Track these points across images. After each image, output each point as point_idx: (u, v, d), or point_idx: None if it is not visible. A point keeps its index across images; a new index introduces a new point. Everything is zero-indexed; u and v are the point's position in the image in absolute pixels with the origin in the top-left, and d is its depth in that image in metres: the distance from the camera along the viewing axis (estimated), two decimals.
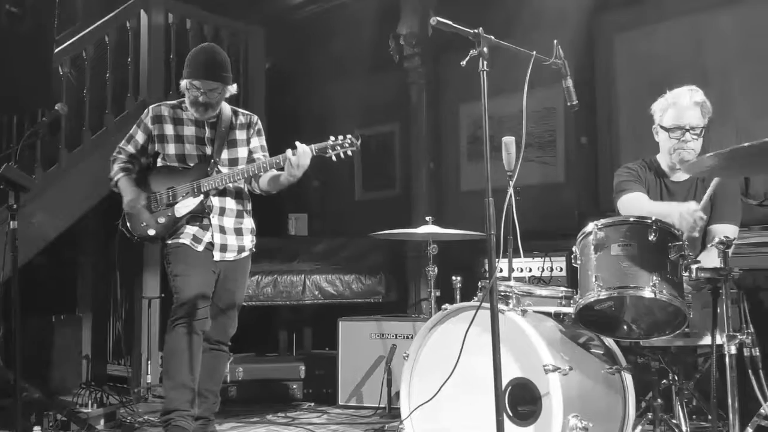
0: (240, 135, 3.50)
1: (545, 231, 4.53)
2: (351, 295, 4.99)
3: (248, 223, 3.53)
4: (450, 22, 2.30)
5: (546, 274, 4.39)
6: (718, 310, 2.49)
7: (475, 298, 2.96)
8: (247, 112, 3.61)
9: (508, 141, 3.34)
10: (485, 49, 2.33)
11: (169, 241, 3.37)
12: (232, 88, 3.41)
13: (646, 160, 3.36)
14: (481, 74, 2.35)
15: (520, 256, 3.58)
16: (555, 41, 2.68)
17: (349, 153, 3.27)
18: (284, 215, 5.77)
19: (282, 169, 3.26)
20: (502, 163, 3.34)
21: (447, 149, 5.80)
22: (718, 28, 4.43)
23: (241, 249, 3.47)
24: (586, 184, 5.01)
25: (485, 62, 2.34)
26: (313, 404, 4.63)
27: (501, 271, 3.99)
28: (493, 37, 2.37)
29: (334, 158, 3.26)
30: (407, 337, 4.29)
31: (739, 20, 4.34)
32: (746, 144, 2.29)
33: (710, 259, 2.95)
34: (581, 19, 4.88)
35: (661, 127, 3.22)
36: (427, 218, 3.75)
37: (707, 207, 2.96)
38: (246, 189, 3.54)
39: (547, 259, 4.40)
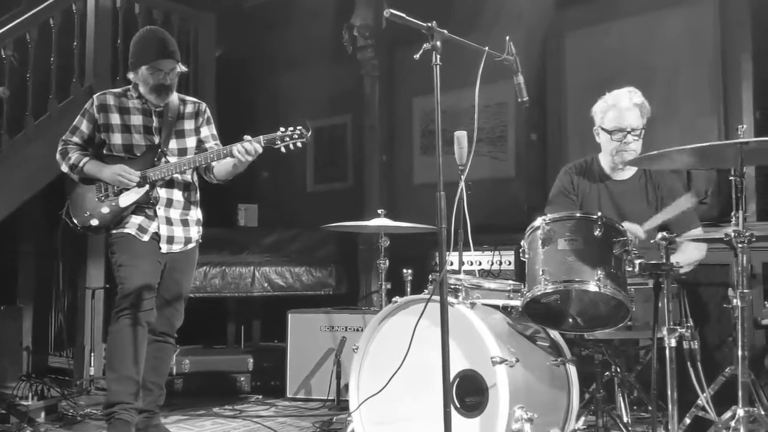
0: (188, 125, 3.44)
1: (495, 225, 4.59)
2: (301, 287, 4.97)
3: (195, 214, 3.48)
4: (403, 15, 2.29)
5: (495, 267, 4.44)
6: (660, 304, 2.56)
7: (426, 291, 2.97)
8: (195, 99, 3.54)
9: (461, 135, 3.35)
10: (438, 43, 2.33)
11: (114, 231, 3.30)
12: (183, 67, 3.36)
13: (588, 159, 3.44)
14: (434, 68, 2.35)
15: (470, 250, 3.61)
16: (507, 38, 2.71)
17: (299, 144, 3.25)
18: (234, 206, 5.70)
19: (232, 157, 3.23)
20: (454, 157, 3.36)
21: (400, 142, 5.81)
22: (666, 29, 4.53)
23: (188, 240, 3.42)
24: (535, 179, 5.08)
25: (438, 56, 2.34)
26: (261, 397, 4.60)
27: (451, 264, 4.03)
28: (446, 32, 2.38)
29: (283, 149, 3.23)
30: (357, 330, 4.29)
31: (685, 22, 4.45)
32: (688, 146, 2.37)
33: (685, 255, 3.11)
34: (534, 16, 4.93)
35: (603, 129, 3.30)
36: (379, 211, 3.74)
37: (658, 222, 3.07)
38: (195, 180, 3.49)
39: (497, 252, 4.45)
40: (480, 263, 4.48)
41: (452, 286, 2.88)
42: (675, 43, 4.49)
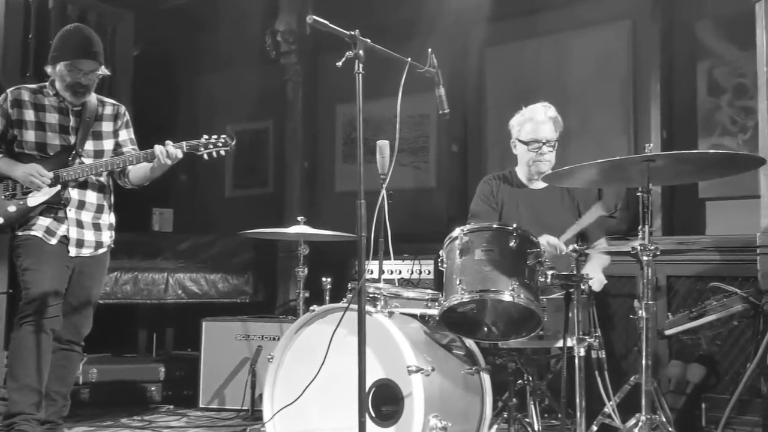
0: (107, 126, 3.34)
1: (416, 234, 4.63)
2: (216, 294, 4.86)
3: (108, 218, 3.37)
4: (326, 22, 2.29)
5: (415, 276, 4.48)
6: (570, 314, 2.64)
7: (344, 300, 2.96)
8: (113, 101, 3.45)
9: (383, 144, 3.37)
10: (361, 52, 2.34)
11: (19, 233, 3.15)
12: (106, 70, 3.26)
13: (506, 172, 3.57)
14: (357, 76, 2.36)
15: (390, 259, 3.63)
16: (429, 50, 2.74)
17: (222, 153, 3.21)
18: (148, 210, 5.52)
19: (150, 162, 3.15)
20: (376, 166, 3.37)
21: (322, 149, 5.79)
22: (580, 49, 4.70)
23: (98, 245, 3.30)
24: (456, 189, 5.16)
25: (361, 65, 2.35)
26: (172, 407, 4.46)
27: (371, 273, 4.04)
28: (369, 41, 2.39)
29: (206, 156, 3.19)
30: (274, 339, 4.23)
31: (598, 42, 4.63)
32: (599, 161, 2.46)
33: (593, 267, 3.23)
34: (457, 31, 5.03)
35: (519, 140, 3.45)
36: (299, 218, 3.71)
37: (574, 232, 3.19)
38: (110, 183, 3.37)
39: (417, 262, 4.49)
40: (400, 272, 4.51)
41: (371, 295, 2.89)
42: (589, 62, 4.66)
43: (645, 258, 2.47)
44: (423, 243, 4.35)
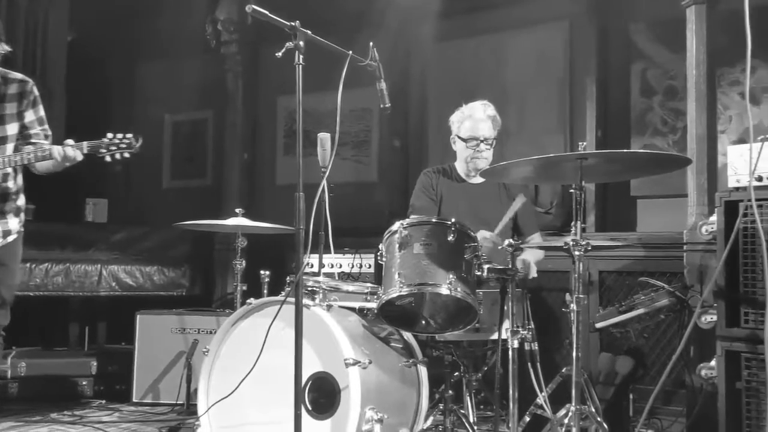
0: (10, 108, 3.06)
1: (357, 228, 4.64)
2: (152, 287, 4.75)
3: (13, 204, 3.11)
4: (266, 12, 2.26)
5: (356, 270, 4.48)
6: (505, 308, 2.69)
7: (283, 293, 2.94)
8: (21, 77, 3.13)
9: (324, 137, 3.36)
10: (301, 43, 2.33)
11: None
12: (6, 47, 3.02)
13: (445, 166, 3.62)
14: (297, 68, 2.34)
15: (330, 252, 3.63)
16: (371, 44, 2.74)
17: (126, 155, 3.05)
18: (81, 200, 5.36)
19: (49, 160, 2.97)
20: (317, 159, 3.36)
21: (263, 141, 5.73)
22: (519, 48, 4.79)
23: (6, 233, 3.07)
24: (397, 184, 5.19)
25: (301, 56, 2.33)
26: (104, 402, 4.36)
27: (311, 266, 4.02)
28: (310, 32, 2.37)
29: (108, 158, 3.00)
30: (210, 332, 4.17)
31: (536, 43, 4.72)
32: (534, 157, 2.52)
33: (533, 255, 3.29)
34: (401, 26, 5.02)
35: (459, 137, 3.51)
36: (237, 210, 3.67)
37: (509, 226, 3.24)
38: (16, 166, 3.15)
39: (358, 255, 4.49)
40: (341, 266, 4.50)
41: (310, 289, 2.88)
42: (527, 61, 4.75)
43: (576, 253, 2.53)
44: (364, 237, 4.36)
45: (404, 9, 4.87)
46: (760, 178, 2.78)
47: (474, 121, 3.48)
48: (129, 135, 2.99)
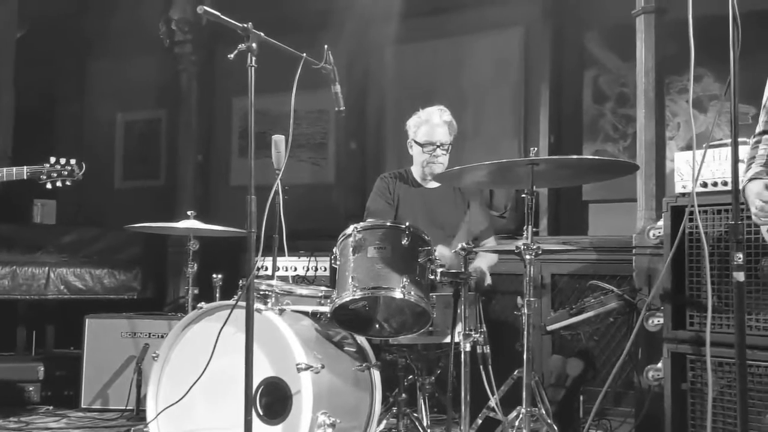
0: None
1: (313, 230, 4.62)
2: (102, 290, 4.65)
3: None
4: (218, 14, 2.24)
5: (311, 273, 4.46)
6: (458, 311, 2.71)
7: (235, 297, 2.91)
8: None
9: (278, 139, 3.34)
10: (254, 45, 2.30)
11: None
12: None
13: (401, 171, 3.64)
14: (249, 70, 2.32)
15: (284, 255, 3.60)
16: (326, 46, 2.73)
17: (68, 183, 2.98)
18: (29, 201, 5.22)
19: None
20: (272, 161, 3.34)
21: (217, 142, 5.67)
22: (475, 53, 4.83)
23: None
24: (354, 186, 5.19)
25: (254, 58, 2.31)
26: (51, 408, 4.25)
27: (266, 269, 3.99)
28: (263, 34, 2.35)
29: (49, 186, 2.94)
30: (162, 336, 4.10)
31: (492, 48, 4.77)
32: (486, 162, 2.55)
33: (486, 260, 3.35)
34: (359, 28, 5.02)
35: (415, 141, 3.53)
36: (189, 212, 3.61)
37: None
38: None
39: (312, 258, 4.47)
40: (295, 269, 4.47)
41: (262, 292, 2.85)
42: (484, 66, 4.80)
43: (528, 257, 2.57)
44: (320, 239, 4.34)
45: (364, 10, 4.87)
46: (705, 185, 2.86)
47: (431, 126, 3.49)
48: (72, 162, 2.92)
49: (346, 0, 4.79)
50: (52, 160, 2.88)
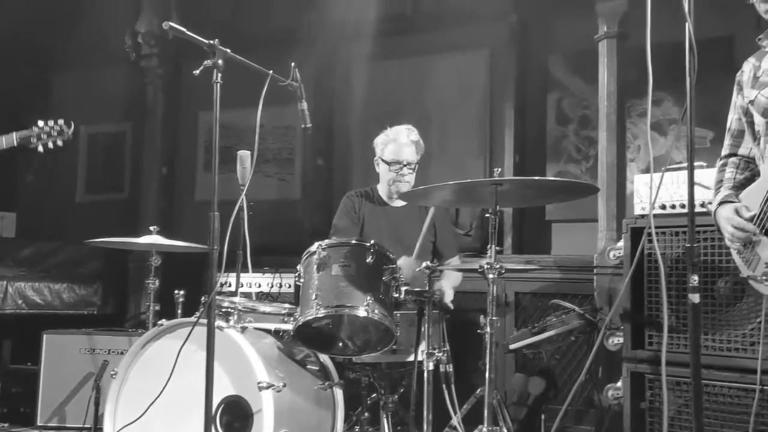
0: None
1: (278, 246, 4.59)
2: (61, 305, 4.56)
3: None
4: (183, 29, 2.23)
5: (275, 290, 4.42)
6: (422, 329, 2.72)
7: (197, 314, 2.88)
8: None
9: (244, 155, 3.33)
10: (220, 62, 2.30)
11: None
12: None
13: (367, 189, 3.65)
14: (215, 86, 2.32)
15: (248, 271, 3.57)
16: (293, 64, 2.73)
17: (59, 143, 2.95)
18: None
19: None
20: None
21: (183, 156, 5.62)
22: (442, 73, 4.88)
23: None
24: (320, 203, 5.17)
25: (219, 74, 2.31)
26: (6, 425, 4.13)
27: (229, 285, 3.95)
28: (229, 50, 2.35)
29: (41, 149, 2.91)
30: (122, 353, 3.99)
31: (458, 68, 4.83)
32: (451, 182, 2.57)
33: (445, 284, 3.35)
34: (328, 45, 5.04)
35: (382, 160, 3.54)
36: (151, 228, 3.56)
37: (428, 248, 3.27)
38: None
39: (277, 275, 4.44)
40: (259, 285, 4.43)
41: (225, 309, 2.83)
42: (450, 86, 4.85)
43: (491, 276, 2.59)
44: (286, 256, 4.32)
45: (335, 28, 4.88)
46: (663, 207, 2.92)
47: (398, 145, 3.51)
48: (60, 122, 2.89)
49: (317, 17, 4.80)
50: (41, 123, 2.84)
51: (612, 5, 3.66)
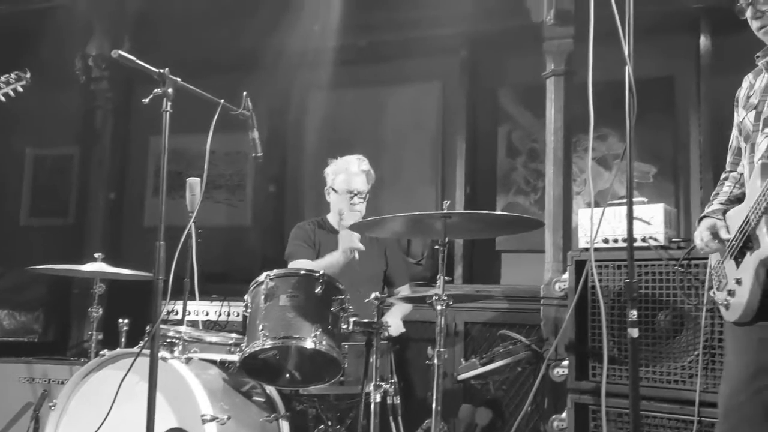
0: None
1: (228, 274, 4.54)
2: (1, 332, 4.40)
3: None
4: (133, 58, 2.22)
5: (223, 318, 4.36)
6: (370, 360, 2.71)
7: (140, 344, 2.82)
8: None
9: (193, 182, 3.32)
10: (170, 90, 2.30)
11: None
12: None
13: (318, 219, 3.66)
14: (164, 114, 2.31)
15: (195, 299, 3.52)
16: (244, 93, 2.74)
17: (20, 89, 2.94)
18: None
19: None
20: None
21: (132, 181, 5.53)
22: (395, 103, 4.94)
23: None
24: (271, 230, 5.14)
25: (169, 103, 2.30)
26: None
27: (176, 313, 3.88)
28: (179, 79, 2.35)
29: (2, 98, 2.90)
30: (63, 382, 3.87)
31: (412, 99, 4.90)
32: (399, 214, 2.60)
33: (393, 314, 3.39)
34: (285, 72, 5.02)
35: (333, 189, 3.56)
36: (96, 255, 3.48)
37: (380, 277, 3.29)
38: None
39: (225, 303, 4.38)
40: (207, 314, 4.36)
41: (170, 339, 2.78)
42: (403, 117, 4.91)
43: (439, 307, 2.61)
44: (236, 283, 4.26)
45: (294, 55, 4.86)
46: (606, 240, 3.00)
47: (349, 174, 3.53)
48: (15, 71, 2.88)
49: (276, 43, 4.80)
50: None
51: (559, 44, 3.77)
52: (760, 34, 2.11)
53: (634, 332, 1.99)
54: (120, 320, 3.24)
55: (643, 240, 2.87)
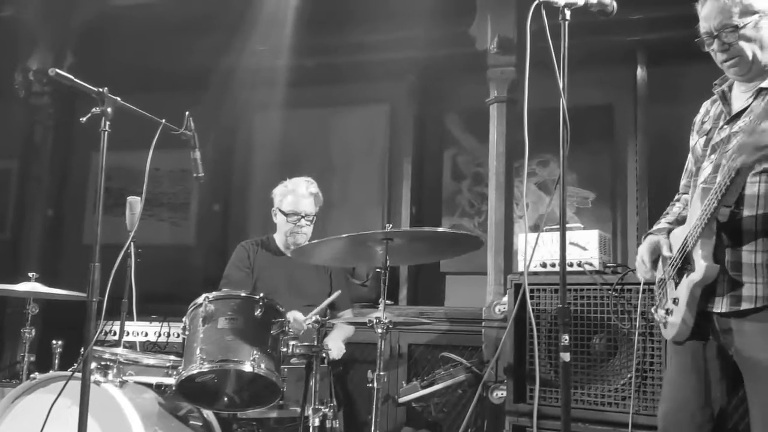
0: None
1: (172, 294, 4.45)
2: None
3: None
4: (71, 77, 2.19)
5: (163, 339, 4.28)
6: (310, 384, 2.70)
7: (73, 367, 2.74)
8: None
9: (133, 201, 3.26)
10: (109, 110, 2.27)
11: None
12: None
13: (263, 238, 3.62)
14: (102, 134, 2.28)
15: (133, 320, 3.45)
16: (186, 113, 2.72)
17: None
18: None
19: None
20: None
21: (71, 197, 5.40)
22: (343, 124, 4.97)
23: None
24: (215, 249, 5.08)
25: (108, 122, 2.27)
26: None
27: (114, 334, 3.79)
28: (119, 99, 2.32)
29: None
30: None
31: (360, 121, 4.94)
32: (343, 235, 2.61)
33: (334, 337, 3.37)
34: (235, 91, 4.99)
35: (280, 210, 3.54)
36: (30, 274, 3.38)
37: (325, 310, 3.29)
38: None
39: (165, 323, 4.30)
40: (146, 334, 4.27)
41: (105, 362, 2.71)
42: (352, 138, 4.95)
43: (379, 330, 2.62)
44: (179, 303, 4.19)
45: (245, 74, 4.82)
46: (544, 264, 3.07)
47: (296, 196, 3.52)
48: None
49: (226, 62, 4.77)
50: None
51: (501, 71, 3.87)
52: (725, 67, 2.12)
53: (566, 356, 2.03)
54: (54, 342, 3.15)
55: (579, 265, 2.94)
